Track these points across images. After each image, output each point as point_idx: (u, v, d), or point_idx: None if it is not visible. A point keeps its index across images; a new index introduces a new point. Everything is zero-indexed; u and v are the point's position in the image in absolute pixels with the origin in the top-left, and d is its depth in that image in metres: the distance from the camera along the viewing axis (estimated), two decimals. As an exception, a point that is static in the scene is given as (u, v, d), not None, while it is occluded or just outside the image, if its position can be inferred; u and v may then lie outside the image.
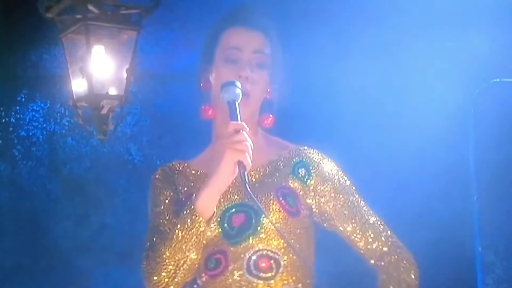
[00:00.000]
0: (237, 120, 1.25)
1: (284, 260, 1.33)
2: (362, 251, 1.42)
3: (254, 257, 1.32)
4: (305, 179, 1.41)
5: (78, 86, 2.51)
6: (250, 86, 1.34)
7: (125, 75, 2.51)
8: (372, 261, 1.41)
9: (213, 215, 1.29)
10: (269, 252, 1.33)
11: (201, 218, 1.27)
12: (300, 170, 1.42)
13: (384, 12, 2.79)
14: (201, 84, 1.42)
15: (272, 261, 1.33)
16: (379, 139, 2.86)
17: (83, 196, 3.30)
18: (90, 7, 2.43)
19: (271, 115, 1.43)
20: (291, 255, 1.34)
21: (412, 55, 2.79)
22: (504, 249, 2.84)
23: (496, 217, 2.84)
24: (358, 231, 1.41)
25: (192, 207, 1.27)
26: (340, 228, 1.41)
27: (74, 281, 3.21)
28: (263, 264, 1.32)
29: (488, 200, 2.78)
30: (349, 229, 1.41)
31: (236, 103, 1.27)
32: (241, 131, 1.24)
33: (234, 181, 1.32)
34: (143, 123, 3.38)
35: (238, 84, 1.29)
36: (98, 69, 2.48)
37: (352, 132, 2.80)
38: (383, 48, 2.86)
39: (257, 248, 1.33)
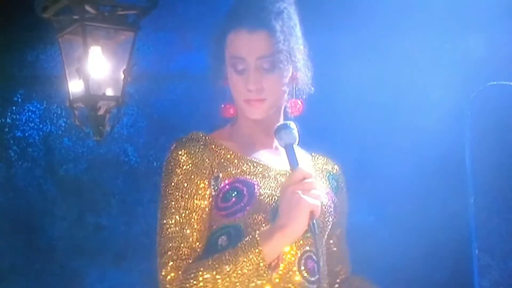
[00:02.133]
0: (297, 164, 1.20)
1: (321, 266, 1.30)
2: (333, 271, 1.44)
3: (304, 257, 1.28)
4: (336, 192, 1.40)
5: (75, 86, 2.51)
6: (263, 93, 1.28)
7: (122, 76, 2.51)
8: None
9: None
10: (313, 255, 1.29)
11: (267, 267, 1.18)
12: (332, 182, 1.41)
13: (381, 15, 2.79)
14: (222, 82, 1.34)
15: (314, 265, 1.29)
16: (375, 141, 2.86)
17: (79, 197, 3.29)
18: (87, 8, 2.43)
19: (299, 102, 1.34)
20: (323, 262, 1.33)
21: (409, 57, 2.80)
22: (501, 252, 2.84)
23: (493, 220, 2.84)
24: (341, 255, 1.44)
25: (260, 252, 1.17)
26: (332, 248, 1.43)
27: (69, 282, 3.20)
28: (310, 266, 1.28)
29: (484, 203, 2.78)
30: (336, 249, 1.43)
31: (293, 146, 1.23)
32: (309, 178, 1.18)
33: (285, 173, 1.29)
34: (139, 124, 3.37)
35: (292, 125, 1.24)
36: (95, 70, 2.47)
37: (348, 136, 2.80)
38: (380, 50, 2.86)
39: (307, 248, 1.28)
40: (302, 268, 1.27)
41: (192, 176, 1.26)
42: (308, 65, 1.35)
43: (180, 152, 1.28)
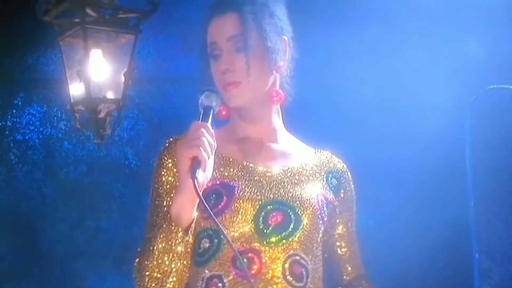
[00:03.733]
0: (206, 122, 1.18)
1: (311, 271, 1.27)
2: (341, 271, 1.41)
3: (289, 262, 1.25)
4: (336, 191, 1.37)
5: (75, 89, 2.51)
6: (236, 75, 1.26)
7: (122, 79, 2.51)
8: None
9: (191, 223, 1.19)
10: (301, 260, 1.26)
11: (178, 229, 1.18)
12: (332, 180, 1.37)
13: (382, 18, 2.80)
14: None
15: (303, 270, 1.26)
16: (375, 144, 2.86)
17: (79, 200, 3.29)
18: (88, 11, 2.43)
19: (280, 91, 1.31)
20: (314, 266, 1.29)
21: (409, 60, 2.79)
22: (501, 256, 2.84)
23: (493, 223, 2.84)
24: (347, 256, 1.41)
25: (168, 216, 1.18)
26: (336, 249, 1.40)
27: (69, 285, 3.20)
28: (297, 271, 1.25)
29: (485, 206, 2.78)
30: (341, 251, 1.41)
31: (212, 110, 1.21)
32: (201, 129, 1.14)
33: (272, 175, 1.28)
34: (140, 127, 3.37)
35: (219, 93, 1.24)
36: (95, 72, 2.47)
37: (348, 140, 2.80)
38: (380, 54, 2.86)
39: (292, 252, 1.25)
40: (287, 273, 1.24)
41: (175, 179, 1.26)
42: (290, 58, 1.33)
43: (165, 153, 1.28)
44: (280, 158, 1.34)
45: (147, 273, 1.20)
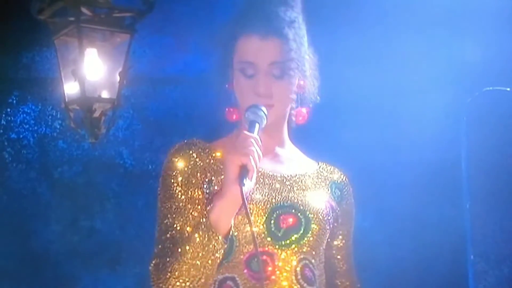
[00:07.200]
0: (252, 132, 1.20)
1: (317, 276, 1.29)
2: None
3: (300, 265, 1.26)
4: (339, 201, 1.39)
5: (70, 89, 2.50)
6: (271, 100, 1.28)
7: (117, 78, 2.50)
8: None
9: (230, 230, 1.20)
10: (309, 264, 1.28)
11: (218, 236, 1.18)
12: (335, 191, 1.39)
13: (377, 19, 2.80)
14: (227, 85, 1.34)
15: (312, 274, 1.28)
16: (370, 147, 2.86)
17: (73, 200, 3.27)
18: (83, 10, 2.42)
19: (304, 110, 1.35)
20: (320, 271, 1.31)
21: (404, 62, 2.80)
22: (496, 257, 2.84)
23: (488, 225, 2.84)
24: (344, 270, 1.42)
25: (208, 221, 1.19)
26: (334, 262, 1.40)
27: (63, 286, 3.18)
28: (308, 275, 1.26)
29: (480, 208, 2.79)
30: (338, 265, 1.41)
31: (257, 124, 1.23)
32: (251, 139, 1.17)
33: (281, 179, 1.30)
34: (135, 127, 3.36)
35: (264, 109, 1.24)
36: (90, 72, 2.46)
37: (342, 142, 2.80)
38: (376, 57, 2.86)
39: (302, 256, 1.27)
40: (299, 276, 1.25)
41: (187, 184, 1.27)
42: (316, 74, 1.37)
43: (175, 159, 1.29)
44: (287, 164, 1.36)
45: (176, 274, 1.18)
